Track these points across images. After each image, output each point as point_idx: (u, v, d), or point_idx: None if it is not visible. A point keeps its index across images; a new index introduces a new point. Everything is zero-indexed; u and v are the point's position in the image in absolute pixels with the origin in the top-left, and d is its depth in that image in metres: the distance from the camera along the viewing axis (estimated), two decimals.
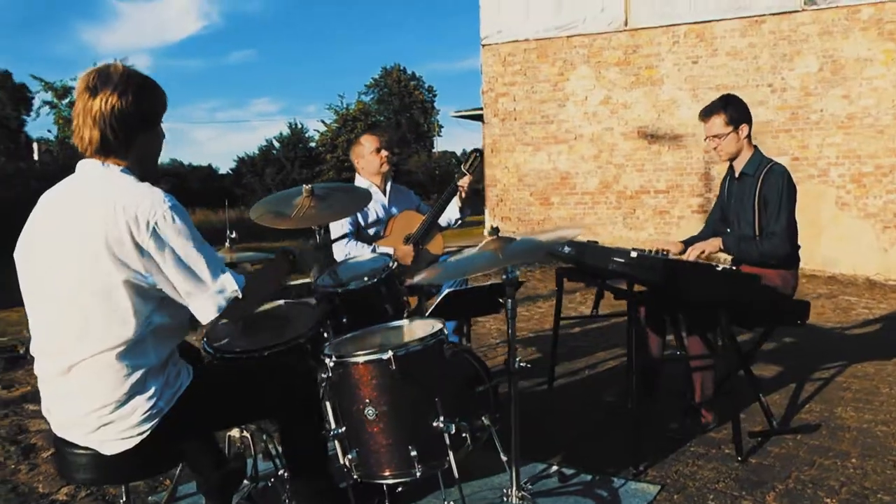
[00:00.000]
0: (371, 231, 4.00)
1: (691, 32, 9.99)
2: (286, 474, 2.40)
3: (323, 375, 2.15)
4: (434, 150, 40.23)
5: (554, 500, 2.61)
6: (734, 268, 2.89)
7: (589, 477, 2.83)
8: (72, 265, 1.87)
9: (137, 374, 1.89)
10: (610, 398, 3.82)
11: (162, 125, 2.07)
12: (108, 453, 1.91)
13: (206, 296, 1.91)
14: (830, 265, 9.39)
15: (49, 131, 20.47)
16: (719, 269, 2.87)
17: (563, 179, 11.40)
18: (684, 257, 3.22)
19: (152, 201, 1.86)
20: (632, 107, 10.50)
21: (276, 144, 32.16)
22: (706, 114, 3.34)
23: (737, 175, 3.40)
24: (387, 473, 2.10)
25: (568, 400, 3.87)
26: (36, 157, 24.00)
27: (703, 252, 3.21)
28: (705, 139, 3.41)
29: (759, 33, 9.69)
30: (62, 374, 1.90)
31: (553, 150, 11.49)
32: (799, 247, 3.44)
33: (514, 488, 2.39)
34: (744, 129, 3.30)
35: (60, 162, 18.38)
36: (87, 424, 1.89)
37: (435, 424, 2.06)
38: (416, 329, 2.29)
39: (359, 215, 3.98)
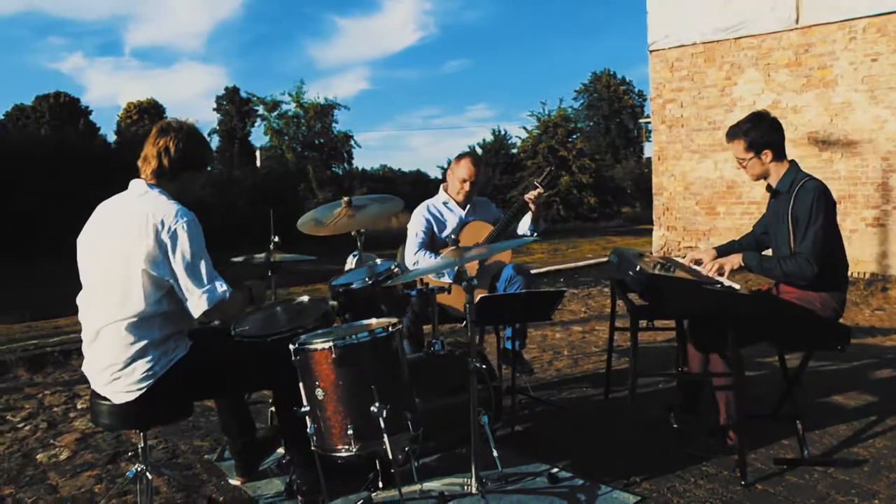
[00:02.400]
0: (447, 240, 4.27)
1: (871, 27, 8.99)
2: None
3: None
4: (643, 156, 39.30)
5: (517, 497, 2.74)
6: (736, 287, 2.82)
7: (580, 482, 2.92)
8: (108, 257, 2.45)
9: (141, 344, 2.41)
10: (655, 412, 3.78)
11: (204, 171, 2.68)
12: (118, 402, 2.44)
13: (199, 293, 2.39)
14: None
15: (269, 141, 23.08)
16: (717, 286, 2.82)
17: (730, 188, 10.82)
18: (703, 270, 3.15)
19: (176, 213, 2.41)
20: (802, 111, 9.69)
21: (479, 150, 33.13)
22: (729, 137, 3.26)
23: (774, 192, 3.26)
24: (337, 447, 2.41)
25: (614, 411, 3.88)
26: (258, 163, 27.17)
27: (721, 268, 3.12)
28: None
29: None
30: (93, 338, 2.48)
31: (720, 157, 10.94)
32: (847, 266, 3.22)
33: (474, 479, 2.60)
34: (766, 154, 3.17)
35: (268, 170, 20.66)
36: (104, 378, 2.44)
37: (372, 409, 2.34)
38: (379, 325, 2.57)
39: (434, 224, 4.29)
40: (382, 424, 2.33)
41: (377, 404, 2.34)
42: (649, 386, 4.39)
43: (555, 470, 2.98)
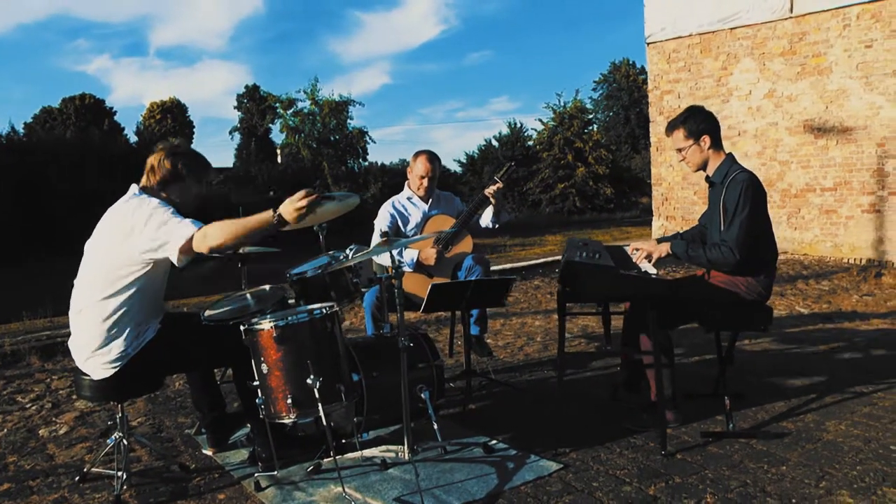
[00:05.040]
0: (411, 233, 4.54)
1: (865, 13, 9.03)
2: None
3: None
4: None
5: (450, 465, 3.01)
6: (652, 272, 3.05)
7: (513, 452, 3.17)
8: (98, 245, 2.82)
9: (116, 328, 2.76)
10: (602, 391, 4.03)
11: (198, 183, 2.95)
12: (96, 378, 2.78)
13: (173, 240, 2.64)
14: None
15: (286, 138, 23.50)
16: (634, 272, 3.06)
17: None
18: (635, 259, 3.39)
19: (148, 204, 2.75)
20: (797, 99, 9.77)
21: (495, 143, 33.14)
22: (669, 129, 3.48)
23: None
24: (280, 415, 2.72)
25: (564, 390, 4.12)
26: (279, 160, 27.54)
27: (648, 255, 3.35)
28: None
29: None
30: (76, 315, 2.83)
31: None
32: (776, 254, 3.44)
33: (406, 448, 2.89)
34: (705, 140, 3.38)
35: (284, 167, 21.08)
36: (84, 354, 2.79)
37: (307, 381, 2.64)
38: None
39: (398, 218, 4.56)
40: (317, 395, 2.62)
41: (312, 377, 2.63)
42: (610, 368, 4.62)
43: (492, 442, 3.25)
